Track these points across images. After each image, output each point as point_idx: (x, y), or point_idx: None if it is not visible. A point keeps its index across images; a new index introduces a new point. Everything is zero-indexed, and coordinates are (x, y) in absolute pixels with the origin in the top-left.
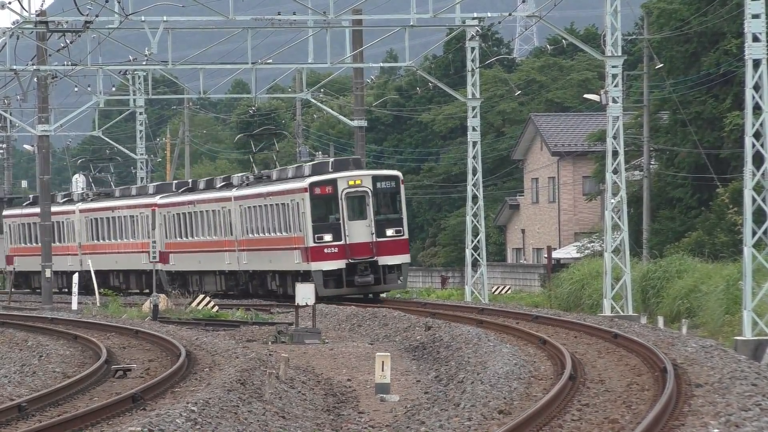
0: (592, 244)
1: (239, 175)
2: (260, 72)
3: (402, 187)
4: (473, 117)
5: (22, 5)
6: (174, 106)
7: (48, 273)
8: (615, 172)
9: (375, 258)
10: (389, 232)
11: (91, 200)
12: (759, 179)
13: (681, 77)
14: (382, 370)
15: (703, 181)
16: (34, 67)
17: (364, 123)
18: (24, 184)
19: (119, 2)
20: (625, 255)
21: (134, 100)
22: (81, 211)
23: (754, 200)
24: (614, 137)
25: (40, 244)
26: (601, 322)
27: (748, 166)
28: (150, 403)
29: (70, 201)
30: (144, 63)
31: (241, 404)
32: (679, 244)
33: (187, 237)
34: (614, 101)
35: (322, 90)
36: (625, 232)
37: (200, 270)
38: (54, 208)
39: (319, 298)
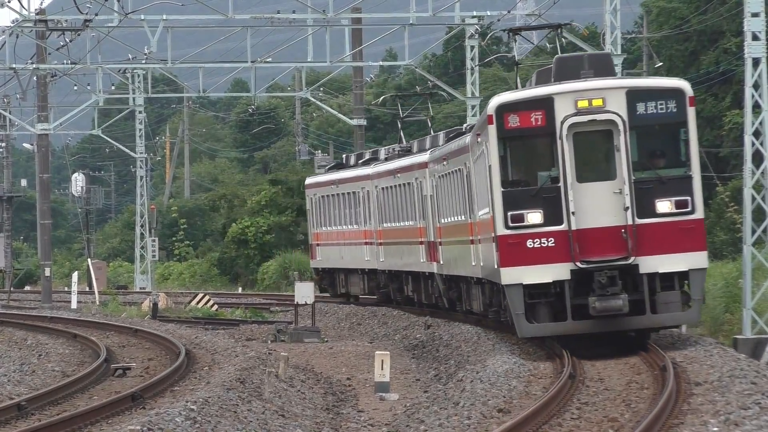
0: None
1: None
2: (260, 70)
3: (691, 112)
4: (473, 116)
5: (21, 4)
6: (173, 105)
7: (47, 272)
8: None
9: (632, 259)
10: (663, 205)
11: (386, 159)
12: (758, 178)
13: (680, 76)
14: (382, 369)
15: (703, 179)
16: (34, 65)
17: (363, 121)
18: (23, 182)
19: (119, 1)
20: None
21: (134, 99)
22: (375, 175)
23: (753, 199)
24: None
25: (348, 226)
26: None
27: (748, 165)
28: (149, 401)
29: (372, 160)
30: (143, 61)
31: (240, 403)
32: None
33: (453, 216)
34: None
35: (321, 88)
36: None
37: (465, 276)
38: (347, 173)
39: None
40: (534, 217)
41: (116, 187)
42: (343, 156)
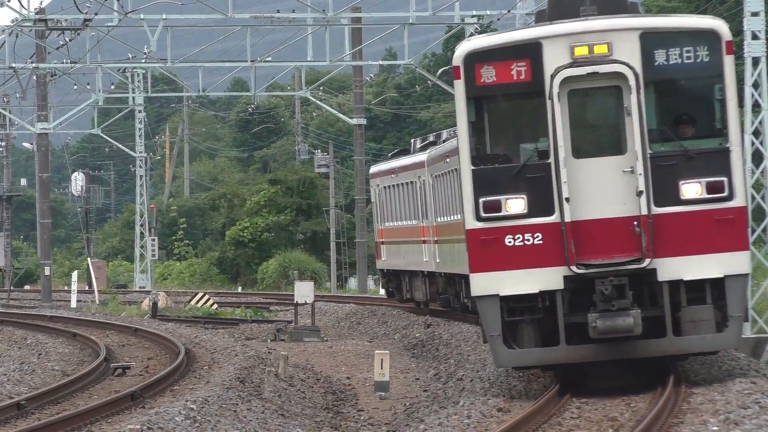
0: None
1: None
2: (259, 70)
3: (729, 61)
4: None
5: (21, 3)
6: (173, 104)
7: (47, 271)
8: None
9: (647, 262)
10: (690, 188)
11: (444, 141)
12: (758, 177)
13: None
14: (381, 368)
15: None
16: (34, 65)
17: (363, 121)
18: (23, 182)
19: (118, 0)
20: None
21: (133, 98)
22: (430, 161)
23: (753, 198)
24: None
25: (407, 222)
26: None
27: (747, 164)
28: (149, 401)
29: (432, 144)
30: (143, 61)
31: (240, 402)
32: None
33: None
34: None
35: (321, 88)
36: None
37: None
38: (405, 160)
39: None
40: (515, 204)
41: (116, 186)
42: (411, 140)
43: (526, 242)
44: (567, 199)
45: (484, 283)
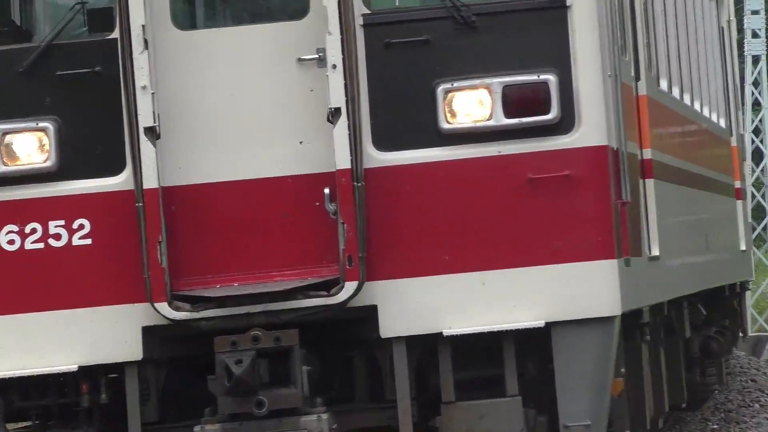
0: None
1: None
2: None
3: None
4: None
5: None
6: None
7: None
8: None
9: (351, 289)
10: (464, 102)
11: None
12: (758, 175)
13: None
14: None
15: None
16: None
17: None
18: None
19: None
20: None
21: None
22: None
23: (753, 196)
24: None
25: None
26: None
27: (748, 162)
28: None
29: None
30: None
31: None
32: None
33: None
34: None
35: None
36: None
37: None
38: None
39: None
40: (24, 144)
41: None
42: None
43: (50, 243)
44: (152, 132)
45: None
